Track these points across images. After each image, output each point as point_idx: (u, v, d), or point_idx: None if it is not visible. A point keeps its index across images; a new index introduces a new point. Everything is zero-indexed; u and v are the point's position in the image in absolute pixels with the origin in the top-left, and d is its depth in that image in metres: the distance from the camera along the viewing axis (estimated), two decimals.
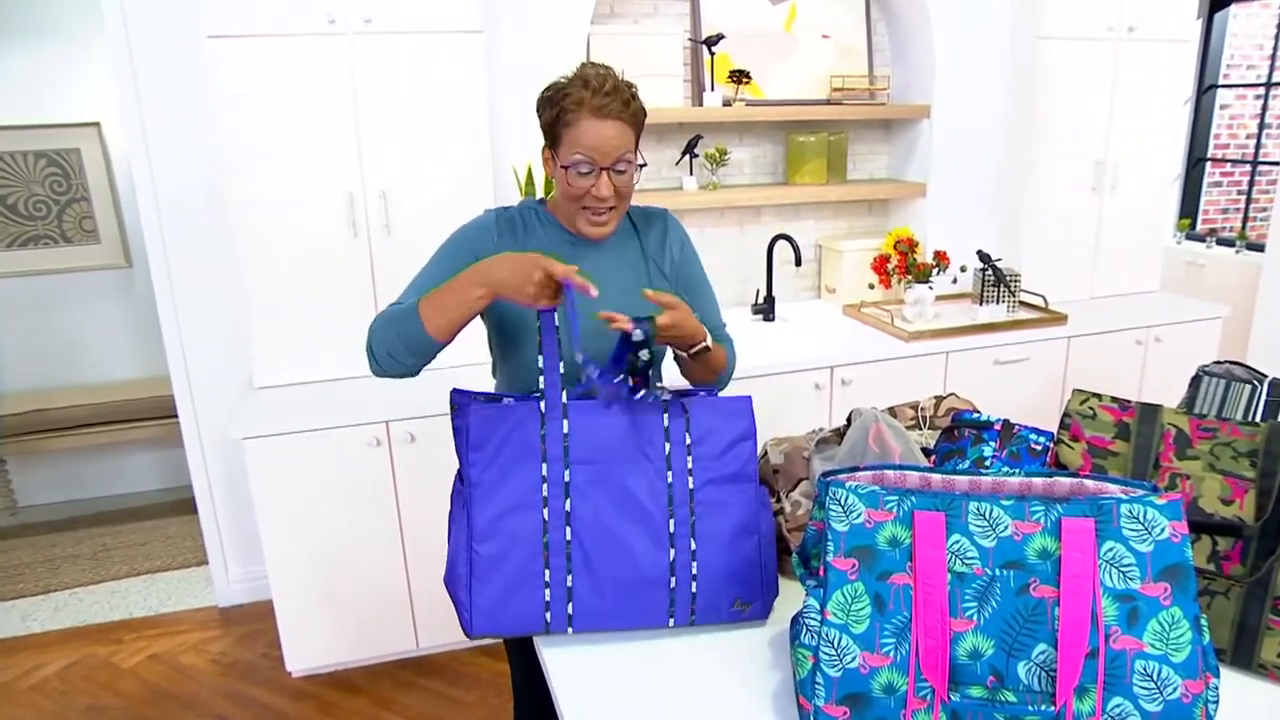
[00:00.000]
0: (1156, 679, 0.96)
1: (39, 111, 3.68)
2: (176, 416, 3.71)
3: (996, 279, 3.19)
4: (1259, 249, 4.44)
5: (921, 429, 1.57)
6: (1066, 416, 1.39)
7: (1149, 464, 1.29)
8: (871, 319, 3.15)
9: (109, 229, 3.85)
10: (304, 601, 2.56)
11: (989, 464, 1.40)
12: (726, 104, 3.09)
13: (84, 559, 3.51)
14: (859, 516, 1.07)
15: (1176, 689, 0.95)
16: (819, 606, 1.04)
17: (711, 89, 3.07)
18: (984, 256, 3.17)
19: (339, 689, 2.66)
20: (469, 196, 2.61)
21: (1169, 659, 0.96)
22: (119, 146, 3.80)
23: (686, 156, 3.12)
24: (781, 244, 3.33)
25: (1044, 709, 0.97)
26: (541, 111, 1.46)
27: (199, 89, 2.67)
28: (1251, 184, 5.24)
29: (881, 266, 3.17)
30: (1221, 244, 4.80)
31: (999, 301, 3.23)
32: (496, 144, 2.71)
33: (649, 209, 1.66)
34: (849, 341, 2.95)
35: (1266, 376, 1.55)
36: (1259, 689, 1.14)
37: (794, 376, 2.78)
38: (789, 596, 1.37)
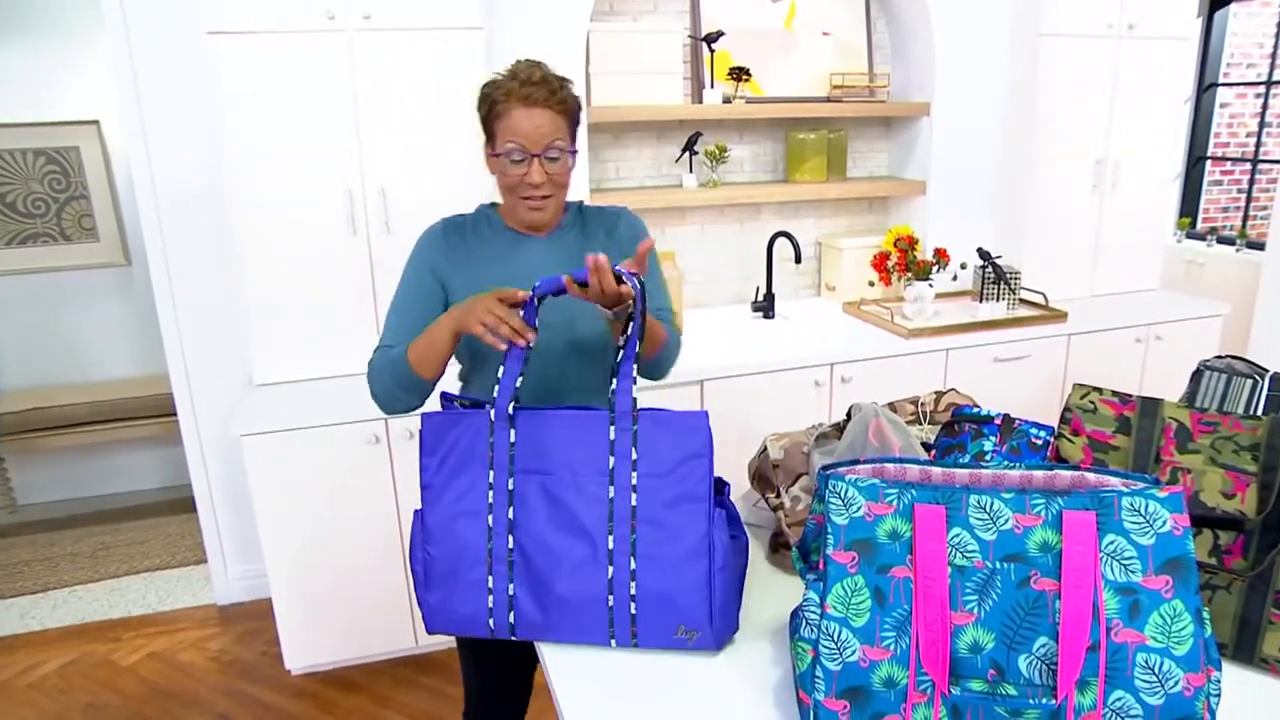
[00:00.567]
0: (1158, 672, 0.95)
1: (38, 109, 3.68)
2: (176, 415, 3.72)
3: (997, 276, 3.18)
4: (1259, 247, 4.44)
5: (921, 424, 1.56)
6: (1067, 411, 1.39)
7: (1150, 458, 1.29)
8: (871, 316, 3.14)
9: (108, 227, 3.85)
10: (303, 599, 2.56)
11: (989, 459, 1.39)
12: (726, 101, 3.09)
13: (83, 557, 3.51)
14: (859, 510, 1.06)
15: (1178, 682, 0.95)
16: (819, 600, 1.03)
17: (711, 86, 3.06)
18: (984, 254, 3.17)
19: (338, 687, 2.65)
20: (468, 193, 2.60)
21: (1171, 652, 0.95)
22: (118, 144, 3.79)
23: (686, 154, 3.11)
24: (781, 242, 3.33)
25: (1045, 702, 0.96)
26: (478, 109, 1.49)
27: (198, 86, 2.67)
28: (1252, 182, 5.24)
29: (881, 264, 3.16)
30: (1222, 242, 4.79)
31: (999, 299, 3.23)
32: None
33: (607, 207, 1.67)
34: (849, 339, 2.95)
35: (1268, 371, 1.55)
36: (1261, 684, 1.14)
37: (794, 374, 2.78)
38: (788, 592, 1.37)
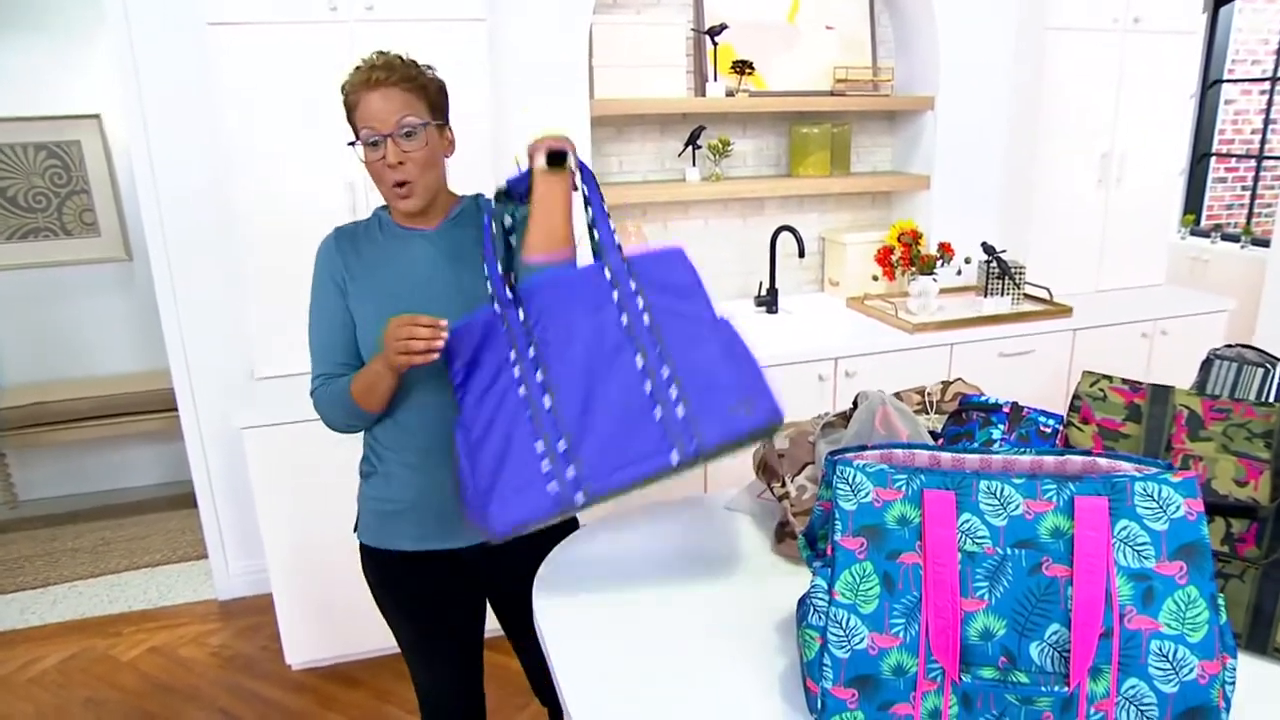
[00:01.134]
0: (1172, 659, 0.94)
1: (39, 104, 3.67)
2: (176, 410, 3.71)
3: (1001, 271, 3.17)
4: (1264, 244, 4.41)
5: (928, 413, 1.55)
6: (1076, 399, 1.37)
7: (1161, 446, 1.27)
8: (875, 311, 3.13)
9: (109, 222, 3.84)
10: (303, 594, 2.55)
11: (998, 447, 1.38)
12: (729, 95, 3.07)
13: (84, 552, 3.49)
14: (867, 495, 1.05)
15: (1193, 670, 0.93)
16: (827, 586, 1.02)
17: (714, 79, 3.05)
18: (989, 249, 3.15)
19: (338, 682, 2.64)
20: (469, 186, 2.57)
21: (1185, 639, 0.94)
22: (119, 139, 3.78)
23: (689, 148, 3.10)
24: (784, 236, 3.31)
25: (1057, 690, 0.94)
26: (346, 116, 1.45)
27: (199, 80, 2.65)
28: (1256, 179, 5.22)
29: (885, 258, 3.15)
30: (1226, 239, 4.78)
31: (1003, 294, 3.21)
32: (498, 133, 2.69)
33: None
34: (853, 333, 2.94)
35: (1279, 360, 1.53)
36: (1275, 673, 1.12)
37: (798, 368, 2.76)
38: (793, 581, 1.35)
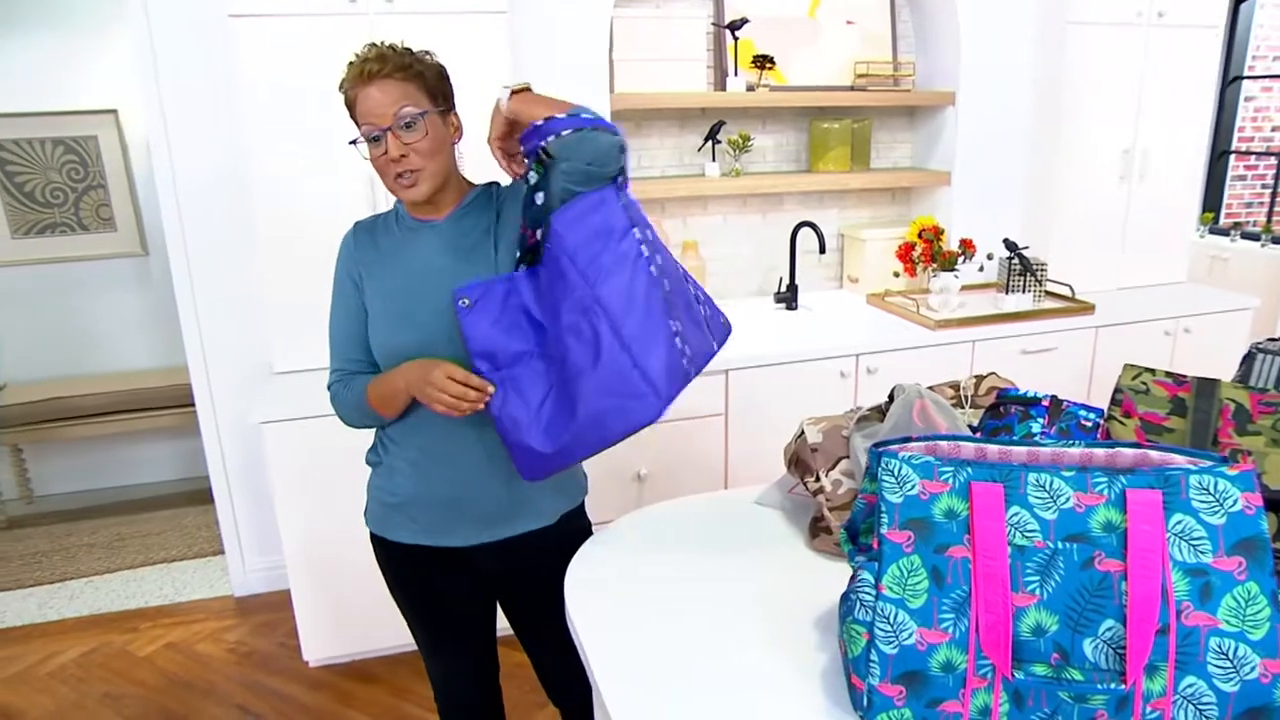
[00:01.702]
0: (1233, 657, 0.91)
1: (56, 99, 3.67)
2: (192, 405, 3.71)
3: (1023, 268, 3.13)
4: None
5: (963, 407, 1.52)
6: (1118, 392, 1.35)
7: (1208, 440, 1.25)
8: (896, 308, 3.10)
9: (125, 217, 3.83)
10: (321, 590, 2.53)
11: (1039, 439, 1.35)
12: (750, 89, 3.05)
13: (99, 548, 3.49)
14: (913, 488, 1.02)
15: (1254, 668, 0.90)
16: (873, 580, 1.00)
17: (735, 74, 3.02)
18: (1011, 245, 3.12)
19: (356, 679, 2.62)
20: (489, 178, 2.57)
21: (1246, 636, 0.91)
22: (136, 134, 3.78)
23: (709, 143, 3.08)
24: (804, 232, 3.29)
25: (1113, 688, 0.92)
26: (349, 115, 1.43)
27: (219, 73, 2.65)
28: (1277, 177, 5.17)
29: (907, 254, 3.12)
30: (1246, 238, 4.73)
31: (1025, 291, 3.18)
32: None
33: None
34: (874, 330, 2.91)
35: None
36: None
37: (819, 364, 2.74)
38: (829, 576, 1.33)
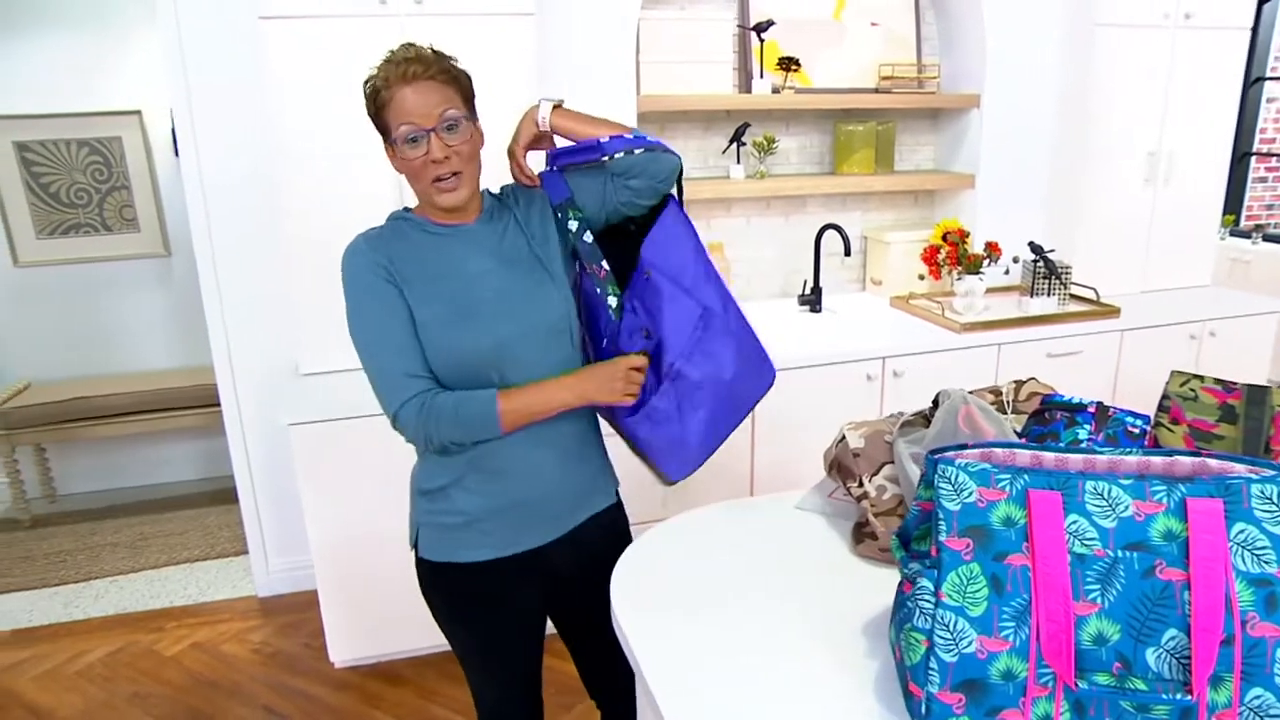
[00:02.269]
0: None
1: (81, 100, 3.68)
2: (215, 405, 3.71)
3: (1048, 271, 3.12)
4: None
5: (1005, 413, 1.51)
6: (1165, 399, 1.34)
7: (1260, 448, 1.24)
8: (920, 310, 3.09)
9: (148, 217, 3.85)
10: (348, 591, 2.54)
11: (1084, 447, 1.34)
12: (775, 91, 3.04)
13: (123, 547, 3.51)
14: (970, 495, 1.02)
15: None
16: (933, 588, 0.99)
17: (760, 76, 3.02)
18: (1036, 248, 3.11)
19: (382, 680, 2.63)
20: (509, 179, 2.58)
21: None
22: (159, 135, 3.80)
23: (734, 145, 3.07)
24: (827, 235, 3.28)
25: (1178, 698, 0.91)
26: (369, 111, 1.41)
27: (248, 74, 2.65)
28: None
29: (932, 257, 3.11)
30: (1268, 240, 4.71)
31: (1049, 294, 3.17)
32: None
33: (525, 188, 1.57)
34: (899, 333, 2.90)
35: None
36: None
37: (845, 367, 2.73)
38: (875, 582, 1.33)
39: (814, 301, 3.18)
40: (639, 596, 1.32)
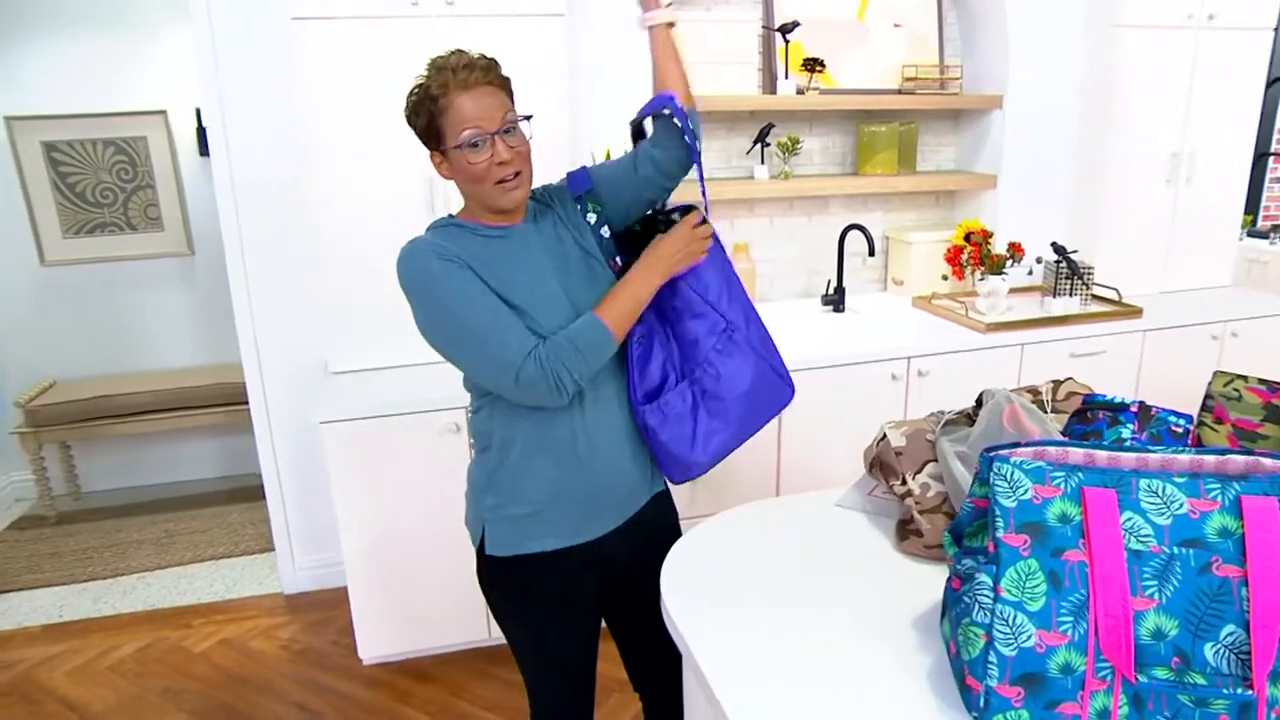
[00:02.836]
0: None
1: (107, 100, 3.71)
2: (237, 404, 3.75)
3: (1071, 271, 3.13)
4: None
5: (1045, 413, 1.52)
6: (1209, 399, 1.35)
7: None
8: (944, 311, 3.10)
9: (172, 217, 3.88)
10: (378, 589, 2.56)
11: (1129, 445, 1.36)
12: (800, 92, 3.06)
13: (148, 544, 3.53)
14: (1026, 492, 1.03)
15: None
16: (992, 583, 1.01)
17: (785, 77, 3.03)
18: (1059, 249, 3.12)
19: (411, 677, 2.65)
20: (547, 181, 2.59)
21: None
22: (184, 135, 3.83)
23: (758, 145, 3.09)
24: (850, 235, 3.29)
25: (1237, 693, 0.93)
26: (415, 119, 1.42)
27: (279, 74, 2.68)
28: None
29: (955, 257, 3.12)
30: None
31: (1071, 294, 3.17)
32: (575, 129, 2.70)
33: (554, 185, 1.63)
34: (923, 332, 2.91)
35: None
36: None
37: (871, 367, 2.75)
38: (920, 578, 1.34)
39: (837, 301, 3.19)
40: (689, 589, 1.33)
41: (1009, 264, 3.06)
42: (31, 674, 2.70)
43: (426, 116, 1.40)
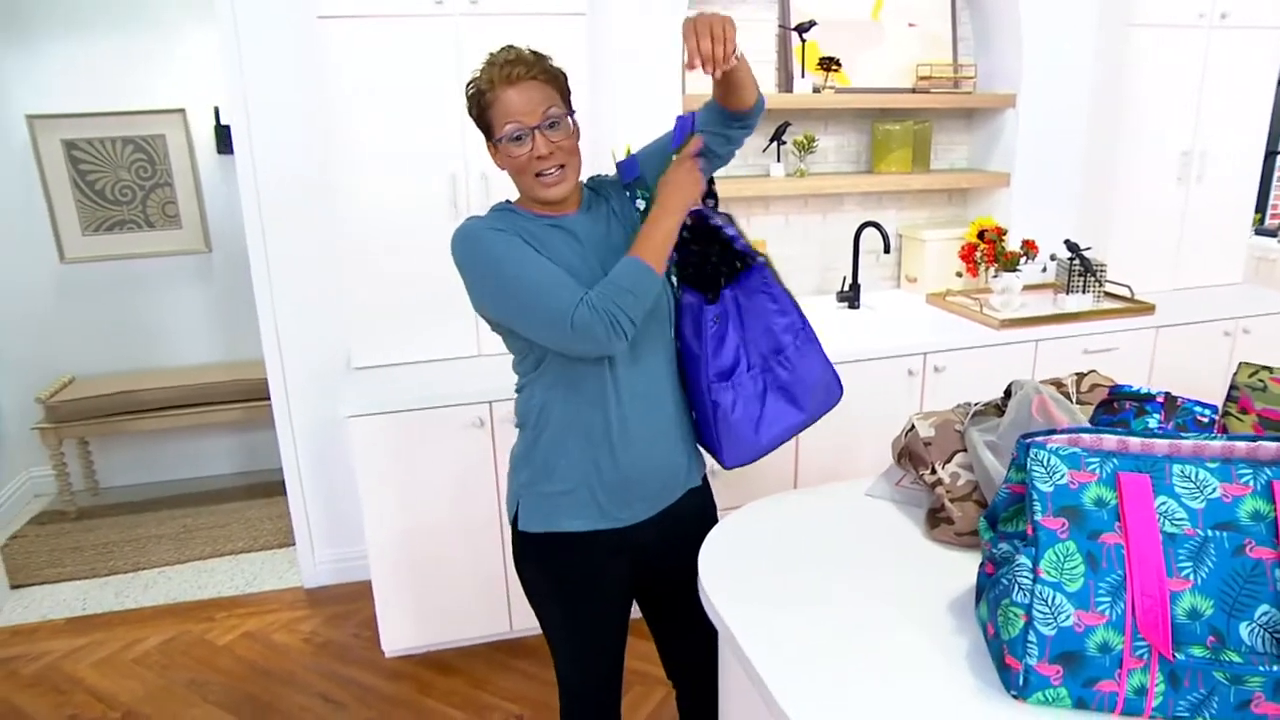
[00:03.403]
0: None
1: (126, 99, 3.75)
2: (255, 400, 3.79)
3: (1084, 268, 3.16)
4: None
5: (1070, 403, 1.55)
6: (1234, 389, 1.38)
7: None
8: (958, 307, 3.13)
9: (190, 214, 3.91)
10: (402, 582, 2.59)
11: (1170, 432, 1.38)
12: (816, 91, 3.08)
13: (167, 539, 3.57)
14: (1062, 477, 1.06)
15: None
16: (1031, 565, 1.03)
17: (802, 76, 3.06)
18: (1072, 246, 3.14)
19: (434, 669, 2.67)
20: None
21: None
22: (202, 133, 3.86)
23: (774, 144, 3.12)
24: (865, 232, 3.32)
25: (1272, 670, 0.96)
26: (471, 112, 1.47)
27: (303, 71, 2.71)
28: None
29: (970, 255, 3.15)
30: None
31: (1084, 291, 3.20)
32: (596, 127, 2.73)
33: (609, 176, 1.65)
34: (938, 329, 2.94)
35: None
36: None
37: (887, 363, 2.78)
38: (952, 565, 1.37)
39: (853, 298, 3.22)
40: (727, 573, 1.36)
41: (1023, 261, 3.09)
42: (59, 665, 2.74)
43: (478, 109, 1.45)
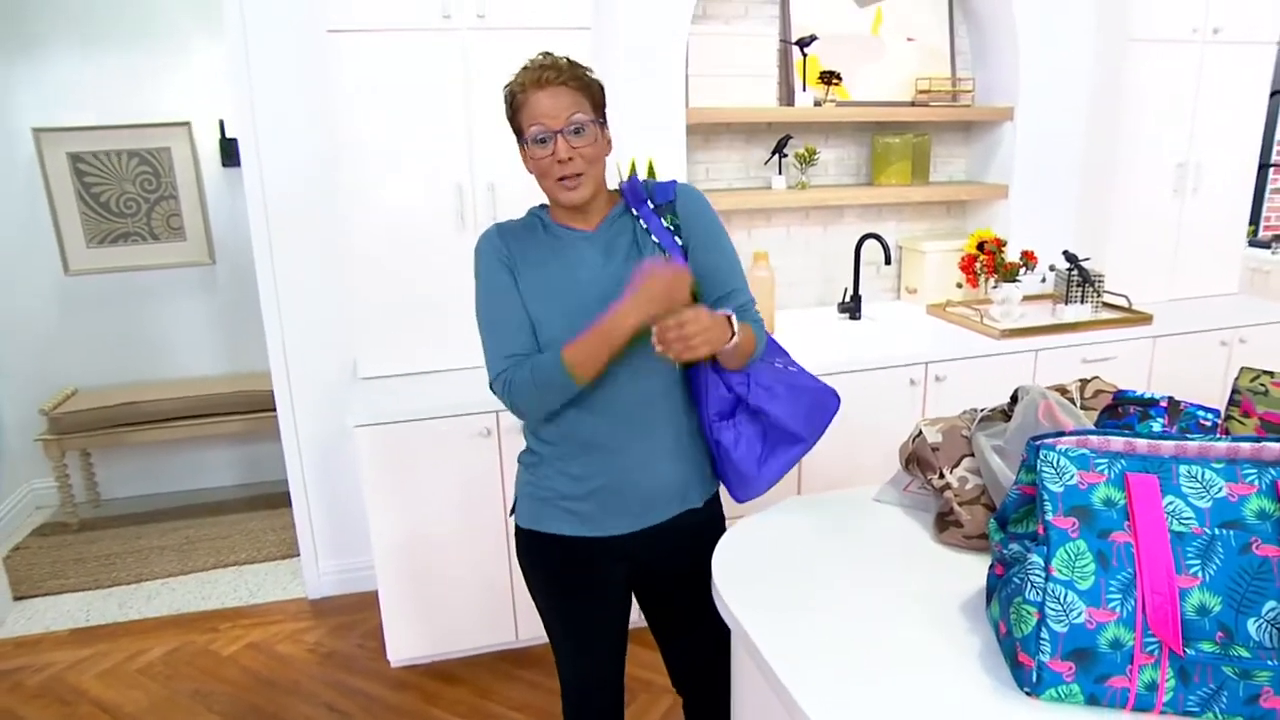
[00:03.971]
0: None
1: (132, 112, 3.78)
2: (258, 412, 3.80)
3: (1082, 279, 3.19)
4: None
5: (1075, 409, 1.58)
6: (1236, 393, 1.40)
7: None
8: (958, 318, 3.16)
9: (194, 226, 3.94)
10: (407, 591, 2.59)
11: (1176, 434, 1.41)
12: (817, 105, 3.12)
13: (170, 550, 3.57)
14: (1071, 478, 1.09)
15: None
16: (1043, 564, 1.05)
17: (804, 89, 3.10)
18: (1071, 257, 3.18)
19: (439, 679, 2.68)
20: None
21: None
22: (207, 146, 3.89)
23: (776, 156, 3.15)
24: (866, 244, 3.35)
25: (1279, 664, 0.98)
26: (508, 113, 1.51)
27: (311, 84, 2.74)
28: None
29: (970, 266, 3.18)
30: None
31: (1083, 301, 3.24)
32: None
33: (660, 185, 1.61)
34: (939, 339, 2.97)
35: None
36: None
37: (889, 372, 2.80)
38: (961, 567, 1.39)
39: (854, 309, 3.25)
40: (739, 577, 1.38)
41: (1022, 272, 3.12)
42: (63, 676, 2.74)
43: (511, 110, 1.49)
